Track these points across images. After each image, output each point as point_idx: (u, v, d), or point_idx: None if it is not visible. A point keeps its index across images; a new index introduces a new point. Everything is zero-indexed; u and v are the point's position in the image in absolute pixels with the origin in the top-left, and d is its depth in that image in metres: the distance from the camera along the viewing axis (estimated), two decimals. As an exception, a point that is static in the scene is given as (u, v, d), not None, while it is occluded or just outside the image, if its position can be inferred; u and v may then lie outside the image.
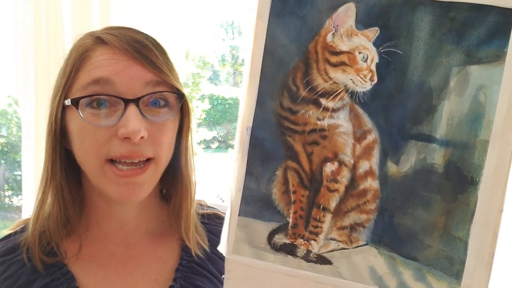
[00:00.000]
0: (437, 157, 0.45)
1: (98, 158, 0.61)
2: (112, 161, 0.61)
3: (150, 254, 0.70)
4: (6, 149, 4.60)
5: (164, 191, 0.74)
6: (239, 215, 0.51)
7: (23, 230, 0.68)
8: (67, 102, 0.61)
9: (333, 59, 0.47)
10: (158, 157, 0.63)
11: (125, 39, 0.62)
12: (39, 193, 0.66)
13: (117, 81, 0.60)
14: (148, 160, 0.63)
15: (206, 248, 0.71)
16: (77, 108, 0.60)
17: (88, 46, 0.63)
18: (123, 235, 0.70)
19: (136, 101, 0.60)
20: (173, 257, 0.71)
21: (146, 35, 0.65)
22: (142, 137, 0.59)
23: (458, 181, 0.45)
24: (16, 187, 4.55)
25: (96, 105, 0.60)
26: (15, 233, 0.69)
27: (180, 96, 0.65)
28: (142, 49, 0.62)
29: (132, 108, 0.59)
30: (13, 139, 4.61)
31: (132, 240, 0.70)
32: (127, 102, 0.60)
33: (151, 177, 0.64)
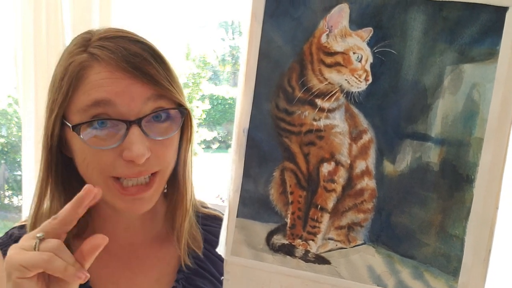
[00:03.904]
0: (433, 155, 0.46)
1: (102, 174, 0.60)
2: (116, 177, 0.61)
3: (153, 255, 0.71)
4: (6, 149, 4.62)
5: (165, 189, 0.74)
6: (237, 217, 0.51)
7: (23, 226, 0.69)
8: (67, 124, 0.60)
9: (328, 60, 0.47)
10: (164, 169, 0.63)
11: (121, 54, 0.58)
12: (36, 195, 0.65)
13: (118, 102, 0.58)
14: (154, 173, 0.62)
15: (199, 252, 0.72)
16: (78, 134, 0.58)
17: (84, 63, 0.59)
18: (128, 236, 0.70)
19: (138, 121, 0.59)
20: (176, 258, 0.71)
21: (143, 44, 0.62)
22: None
23: (454, 179, 0.45)
24: (16, 187, 4.58)
25: (97, 125, 0.58)
26: (17, 228, 0.69)
27: (182, 111, 0.63)
28: (140, 63, 0.59)
29: (135, 130, 0.58)
30: (13, 139, 4.63)
31: (137, 240, 0.71)
32: (129, 123, 0.58)
33: (157, 190, 0.64)
